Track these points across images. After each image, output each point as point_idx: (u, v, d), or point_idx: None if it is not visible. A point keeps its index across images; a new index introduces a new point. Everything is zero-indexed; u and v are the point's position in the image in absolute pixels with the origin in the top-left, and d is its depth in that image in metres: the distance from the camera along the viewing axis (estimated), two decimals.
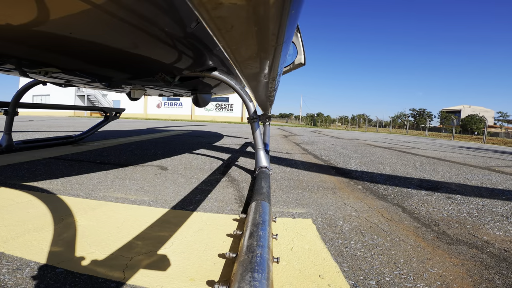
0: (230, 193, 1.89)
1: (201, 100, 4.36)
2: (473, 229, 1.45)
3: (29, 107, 3.55)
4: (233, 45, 0.71)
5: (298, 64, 4.23)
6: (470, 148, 8.00)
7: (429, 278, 0.96)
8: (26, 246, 1.04)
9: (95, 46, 1.61)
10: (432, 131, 39.30)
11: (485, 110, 54.79)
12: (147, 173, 2.37)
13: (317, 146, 5.77)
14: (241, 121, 29.87)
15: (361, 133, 15.92)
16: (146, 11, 1.35)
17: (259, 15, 0.52)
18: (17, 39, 1.44)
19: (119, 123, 12.62)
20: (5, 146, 3.10)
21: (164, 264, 0.97)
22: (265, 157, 2.43)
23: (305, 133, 11.93)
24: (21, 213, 1.36)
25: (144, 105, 33.57)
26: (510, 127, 52.62)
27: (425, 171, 3.19)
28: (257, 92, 1.89)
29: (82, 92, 32.93)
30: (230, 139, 6.32)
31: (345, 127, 36.60)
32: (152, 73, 2.37)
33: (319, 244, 1.19)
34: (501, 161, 4.89)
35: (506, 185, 2.64)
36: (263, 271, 0.75)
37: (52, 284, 0.83)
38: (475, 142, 13.33)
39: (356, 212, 1.62)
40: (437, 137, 18.36)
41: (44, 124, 9.45)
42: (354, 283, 0.91)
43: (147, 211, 1.48)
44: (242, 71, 1.07)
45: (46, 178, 2.05)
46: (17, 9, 1.13)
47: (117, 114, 4.67)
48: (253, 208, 1.27)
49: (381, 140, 9.64)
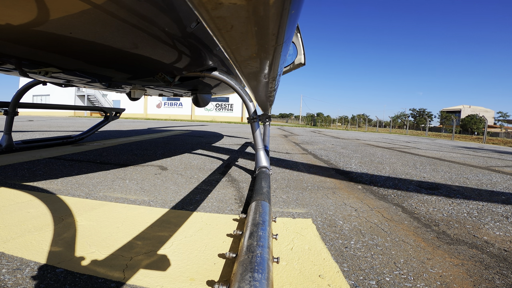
0: (230, 193, 1.89)
1: (201, 100, 4.36)
2: (473, 229, 1.45)
3: (29, 107, 3.55)
4: (233, 45, 0.71)
5: (298, 64, 4.23)
6: (470, 148, 8.00)
7: (429, 278, 0.96)
8: (26, 246, 1.04)
9: (95, 46, 1.61)
10: (432, 131, 39.31)
11: (485, 110, 54.78)
12: (147, 173, 2.37)
13: (317, 146, 5.77)
14: (241, 121, 29.88)
15: (361, 133, 15.92)
16: (146, 11, 1.35)
17: (259, 15, 0.52)
18: (17, 39, 1.44)
19: (119, 123, 12.62)
20: (5, 146, 3.10)
21: (164, 264, 0.97)
22: (265, 157, 2.43)
23: (305, 133, 11.93)
24: (21, 213, 1.36)
25: (144, 105, 33.57)
26: (510, 127, 52.63)
27: (425, 171, 3.19)
28: (257, 92, 1.89)
29: (82, 92, 32.93)
30: (230, 139, 6.32)
31: (345, 127, 36.61)
32: (152, 73, 2.37)
33: (319, 244, 1.19)
34: (501, 161, 4.88)
35: (506, 185, 2.64)
36: (263, 271, 0.75)
37: (52, 284, 0.83)
38: (475, 142, 13.32)
39: (356, 212, 1.62)
40: (437, 137, 18.36)
41: (44, 124, 9.45)
42: (354, 283, 0.91)
43: (147, 211, 1.48)
44: (242, 71, 1.07)
45: (46, 178, 2.05)
46: (17, 9, 1.13)
47: (117, 114, 4.67)
48: (253, 208, 1.27)
49: (381, 140, 9.64)
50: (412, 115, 63.64)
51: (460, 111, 56.67)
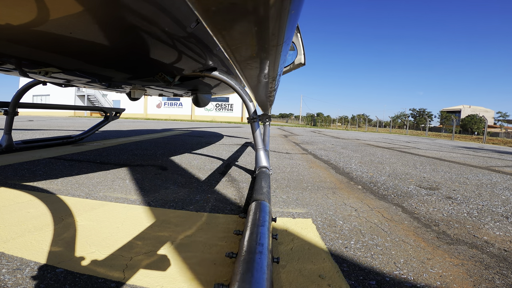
0: (230, 193, 1.89)
1: (201, 100, 4.36)
2: (473, 229, 1.45)
3: (29, 107, 3.55)
4: (233, 45, 0.71)
5: (298, 64, 4.23)
6: (470, 148, 8.00)
7: (429, 278, 0.96)
8: (26, 246, 1.04)
9: (95, 46, 1.61)
10: (432, 131, 39.31)
11: (485, 110, 54.77)
12: (147, 173, 2.37)
13: (317, 146, 5.77)
14: (241, 121, 29.87)
15: (361, 133, 15.92)
16: (146, 11, 1.35)
17: (259, 15, 0.52)
18: (17, 39, 1.44)
19: (119, 123, 12.62)
20: (5, 146, 3.10)
21: (164, 264, 0.97)
22: (265, 157, 2.43)
23: (305, 133, 11.93)
24: (21, 213, 1.36)
25: (144, 105, 33.57)
26: (510, 127, 52.63)
27: (425, 171, 3.19)
28: (257, 92, 1.89)
29: (82, 92, 32.92)
30: (230, 139, 6.32)
31: (345, 127, 36.61)
32: (152, 73, 2.37)
33: (319, 244, 1.19)
34: (501, 161, 4.89)
35: (506, 185, 2.64)
36: (263, 271, 0.75)
37: (52, 284, 0.83)
38: (475, 142, 13.32)
39: (356, 212, 1.62)
40: (437, 137, 18.36)
41: (44, 124, 9.45)
42: (354, 283, 0.91)
43: (147, 211, 1.48)
44: (242, 71, 1.07)
45: (46, 178, 2.05)
46: (17, 9, 1.13)
47: (117, 114, 4.67)
48: (253, 208, 1.27)
49: (381, 140, 9.64)
50: (412, 115, 63.62)
51: (460, 111, 56.66)
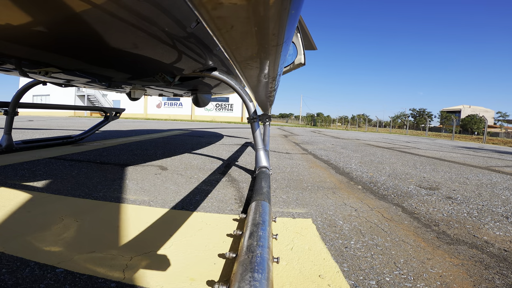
0: (230, 193, 1.89)
1: (201, 100, 4.36)
2: (473, 229, 1.45)
3: (29, 107, 3.55)
4: (233, 45, 0.71)
5: (298, 64, 4.23)
6: (470, 148, 8.00)
7: (429, 278, 0.96)
8: (26, 246, 1.04)
9: (95, 46, 1.61)
10: (432, 131, 39.30)
11: (485, 110, 54.75)
12: (147, 173, 2.37)
13: (317, 146, 5.77)
14: (241, 121, 29.87)
15: (361, 133, 15.91)
16: (146, 11, 1.35)
17: (259, 15, 0.52)
18: (17, 39, 1.44)
19: (119, 123, 12.62)
20: (5, 146, 3.10)
21: (164, 264, 0.97)
22: (265, 157, 2.43)
23: (305, 133, 11.93)
24: (21, 213, 1.36)
25: (144, 105, 33.57)
26: (510, 127, 52.62)
27: (425, 171, 3.19)
28: (257, 92, 1.89)
29: (82, 92, 32.93)
30: (230, 139, 6.32)
31: (345, 127, 36.60)
32: (152, 73, 2.37)
33: (319, 244, 1.19)
34: (501, 161, 4.88)
35: (506, 185, 2.64)
36: (263, 271, 0.75)
37: (52, 284, 0.83)
38: (475, 142, 13.32)
39: (356, 212, 1.62)
40: (437, 137, 18.36)
41: (44, 124, 9.45)
42: (354, 283, 0.91)
43: (147, 211, 1.48)
44: (242, 71, 1.07)
45: (46, 178, 2.05)
46: (17, 9, 1.13)
47: (117, 114, 4.67)
48: (253, 208, 1.27)
49: (381, 140, 9.64)
50: (412, 115, 63.58)
51: (460, 111, 56.63)
